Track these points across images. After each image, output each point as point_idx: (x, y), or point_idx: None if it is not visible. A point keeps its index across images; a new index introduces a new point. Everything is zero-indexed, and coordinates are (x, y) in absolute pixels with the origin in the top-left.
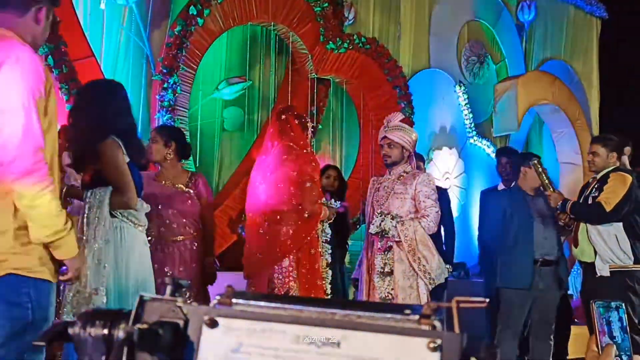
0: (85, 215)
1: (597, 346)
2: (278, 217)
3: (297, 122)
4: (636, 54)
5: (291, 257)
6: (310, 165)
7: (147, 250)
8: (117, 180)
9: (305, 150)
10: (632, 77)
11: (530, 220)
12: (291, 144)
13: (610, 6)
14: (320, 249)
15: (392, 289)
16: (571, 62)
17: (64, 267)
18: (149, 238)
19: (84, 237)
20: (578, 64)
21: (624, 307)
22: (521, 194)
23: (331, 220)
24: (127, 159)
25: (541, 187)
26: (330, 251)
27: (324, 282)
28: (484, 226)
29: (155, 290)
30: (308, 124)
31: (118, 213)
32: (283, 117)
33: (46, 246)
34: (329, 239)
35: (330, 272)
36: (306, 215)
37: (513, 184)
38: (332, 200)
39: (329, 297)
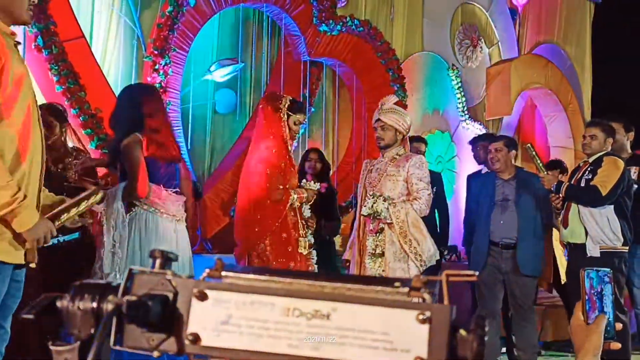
0: (104, 209)
1: (584, 314)
2: (251, 204)
3: (270, 107)
4: (629, 38)
5: (266, 241)
6: (271, 151)
7: (179, 236)
8: (128, 173)
9: (271, 137)
10: (625, 60)
11: (492, 204)
12: (263, 130)
13: None
14: (300, 232)
15: (383, 271)
16: (564, 45)
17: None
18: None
19: (104, 228)
20: (571, 47)
21: (612, 281)
22: (491, 178)
23: (311, 202)
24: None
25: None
26: (311, 232)
27: (309, 262)
28: (467, 209)
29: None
30: (281, 106)
31: (141, 203)
32: (261, 104)
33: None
34: (310, 221)
35: (314, 252)
36: (268, 202)
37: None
38: (312, 182)
39: None
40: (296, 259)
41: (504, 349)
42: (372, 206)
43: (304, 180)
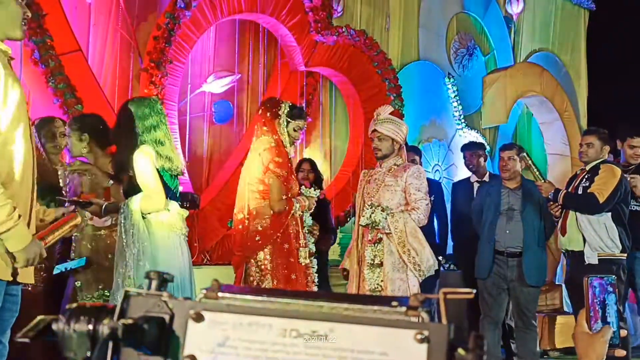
0: (123, 224)
1: (588, 322)
2: (253, 213)
3: (268, 114)
4: (623, 46)
5: (266, 251)
6: (274, 160)
7: (184, 251)
8: (145, 184)
9: (272, 144)
10: (620, 68)
11: (497, 213)
12: (262, 137)
13: None
14: (300, 242)
15: (382, 281)
16: (559, 53)
17: None
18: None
19: (124, 242)
20: (566, 55)
21: (616, 289)
22: (496, 187)
23: (312, 210)
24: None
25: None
26: (313, 241)
27: (309, 271)
28: (452, 217)
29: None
30: (280, 113)
31: (148, 216)
32: (259, 111)
33: None
34: (311, 229)
35: (315, 260)
36: (271, 212)
37: (485, 176)
38: (312, 189)
39: (316, 285)
40: (297, 270)
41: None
42: (370, 216)
43: (304, 187)
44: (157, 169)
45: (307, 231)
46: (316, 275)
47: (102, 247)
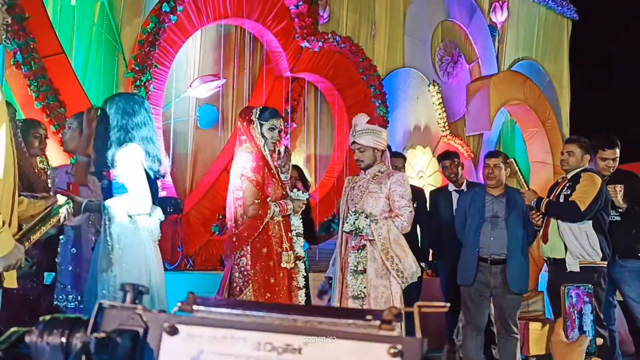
0: (107, 225)
1: (565, 331)
2: (232, 218)
3: (245, 123)
4: (605, 54)
5: (248, 256)
6: (247, 165)
7: (158, 257)
8: (132, 184)
9: (248, 151)
10: (602, 76)
11: (481, 220)
12: (242, 146)
13: (581, 7)
14: (284, 246)
15: (365, 288)
16: (542, 62)
17: None
18: None
19: (109, 245)
20: (549, 64)
21: (592, 298)
22: (480, 194)
23: (298, 213)
24: (146, 166)
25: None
26: (302, 244)
27: (294, 275)
28: (434, 225)
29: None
30: (252, 118)
31: (132, 219)
32: (238, 122)
33: None
34: (301, 232)
35: (303, 265)
36: (245, 217)
37: (463, 185)
38: (300, 192)
39: (302, 289)
40: (277, 275)
41: None
42: (354, 223)
43: (295, 190)
44: (145, 170)
45: (294, 234)
46: (303, 279)
47: None
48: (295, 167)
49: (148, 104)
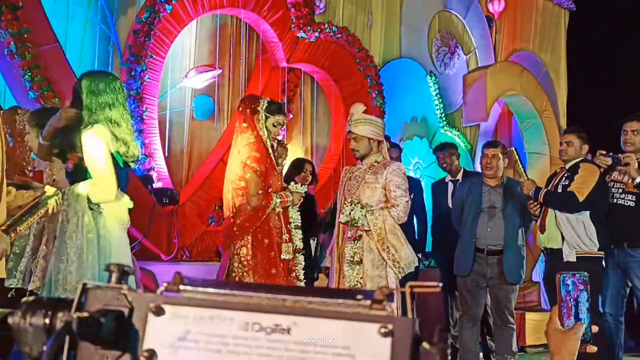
0: (65, 212)
1: (560, 318)
2: (232, 208)
3: (248, 110)
4: (603, 46)
5: (248, 246)
6: (251, 155)
7: (127, 247)
8: (95, 169)
9: (251, 140)
10: (599, 68)
11: (478, 211)
12: (242, 135)
13: None
14: (283, 237)
15: (361, 278)
16: (539, 53)
17: None
18: None
19: (66, 233)
20: (546, 55)
21: (588, 286)
22: (478, 185)
23: (297, 205)
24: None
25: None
26: (301, 237)
27: (293, 267)
28: (433, 217)
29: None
30: (258, 109)
31: (96, 206)
32: (239, 108)
33: None
34: (299, 225)
35: (302, 257)
36: (248, 207)
37: (459, 174)
38: (299, 184)
39: (301, 281)
40: (278, 266)
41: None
42: (349, 213)
43: (292, 183)
44: (112, 154)
45: (293, 227)
46: (302, 272)
47: None
48: (309, 162)
49: (120, 84)
